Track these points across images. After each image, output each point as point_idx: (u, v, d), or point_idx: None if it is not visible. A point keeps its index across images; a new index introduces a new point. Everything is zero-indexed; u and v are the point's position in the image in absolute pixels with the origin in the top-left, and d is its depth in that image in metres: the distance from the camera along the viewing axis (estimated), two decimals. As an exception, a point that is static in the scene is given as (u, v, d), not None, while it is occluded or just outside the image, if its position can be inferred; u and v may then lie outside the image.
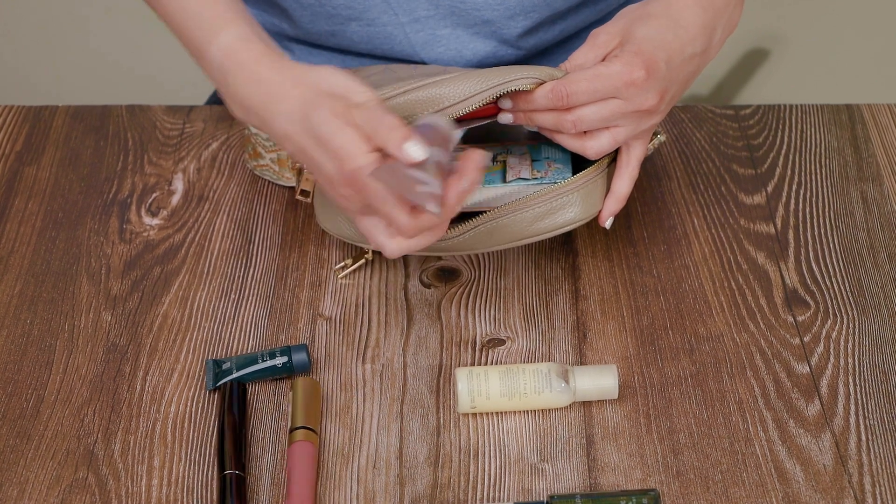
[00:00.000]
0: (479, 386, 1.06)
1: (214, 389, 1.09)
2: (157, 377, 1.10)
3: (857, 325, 1.14)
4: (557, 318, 1.15)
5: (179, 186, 1.28)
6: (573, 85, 1.07)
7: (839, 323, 1.14)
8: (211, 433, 1.06)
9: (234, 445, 1.03)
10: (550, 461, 1.04)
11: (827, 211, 1.25)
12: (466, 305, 1.16)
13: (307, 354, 1.10)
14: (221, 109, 1.35)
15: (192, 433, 1.06)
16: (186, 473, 1.03)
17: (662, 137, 1.16)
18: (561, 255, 1.21)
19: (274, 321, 1.15)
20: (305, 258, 1.20)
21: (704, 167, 1.29)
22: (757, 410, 1.07)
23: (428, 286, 1.18)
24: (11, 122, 1.35)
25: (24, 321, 1.15)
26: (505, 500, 1.01)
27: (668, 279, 1.18)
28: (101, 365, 1.11)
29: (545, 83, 1.08)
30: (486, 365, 1.11)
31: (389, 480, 1.03)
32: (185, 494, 1.02)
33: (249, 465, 1.04)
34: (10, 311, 1.16)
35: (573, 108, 1.08)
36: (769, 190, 1.27)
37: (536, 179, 1.15)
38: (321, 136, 1.02)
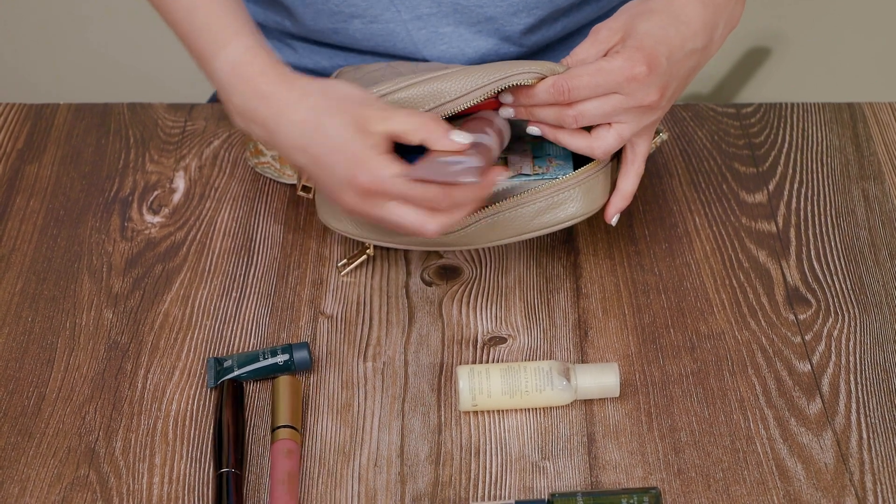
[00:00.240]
0: (480, 384, 1.06)
1: (216, 387, 1.09)
2: (158, 375, 1.10)
3: (858, 323, 1.14)
4: (559, 315, 1.15)
5: (181, 184, 1.28)
6: (575, 80, 1.07)
7: (840, 321, 1.14)
8: (211, 431, 1.06)
9: (230, 444, 1.03)
10: (552, 459, 1.04)
11: (828, 209, 1.25)
12: (468, 303, 1.16)
13: (308, 352, 1.10)
14: (223, 108, 1.34)
15: (193, 431, 1.06)
16: (187, 471, 1.03)
17: (665, 135, 1.16)
18: (562, 253, 1.21)
19: (275, 319, 1.15)
20: (307, 256, 1.20)
21: (706, 165, 1.29)
22: (758, 408, 1.07)
23: (429, 284, 1.18)
24: (13, 120, 1.35)
25: (25, 319, 1.15)
26: (506, 498, 1.01)
27: (669, 277, 1.18)
28: (102, 363, 1.11)
29: (547, 78, 1.08)
30: (487, 363, 1.11)
31: (391, 478, 1.03)
32: (185, 492, 1.02)
33: (248, 463, 1.04)
34: (11, 308, 1.16)
35: (574, 102, 1.08)
36: (770, 188, 1.27)
37: (538, 175, 1.15)
38: (337, 144, 1.03)
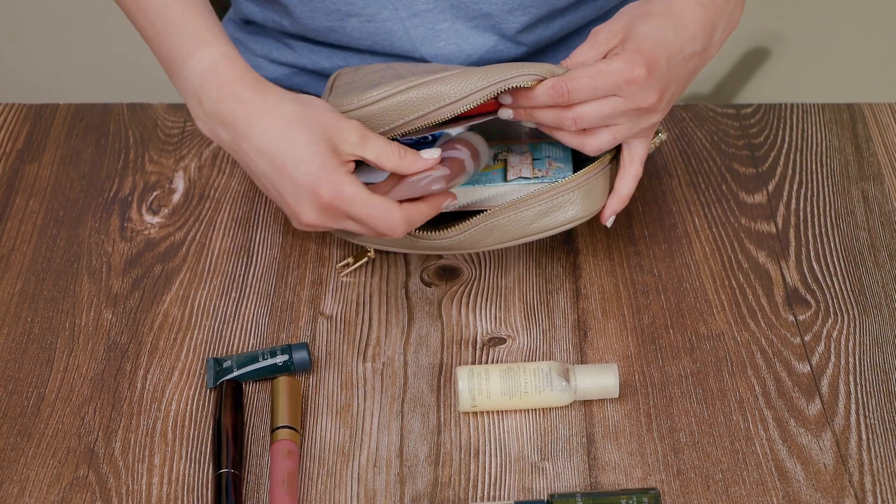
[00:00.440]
0: (479, 385, 1.06)
1: (215, 388, 1.09)
2: (157, 375, 1.10)
3: (857, 324, 1.14)
4: (558, 316, 1.15)
5: (180, 185, 1.28)
6: (574, 82, 1.07)
7: (840, 322, 1.14)
8: (211, 432, 1.06)
9: (229, 444, 1.03)
10: (551, 460, 1.04)
11: (828, 210, 1.25)
12: (467, 304, 1.16)
13: (308, 353, 1.10)
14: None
15: (192, 431, 1.06)
16: (187, 472, 1.03)
17: (664, 136, 1.16)
18: (562, 253, 1.21)
19: (275, 320, 1.15)
20: (306, 257, 1.20)
21: (705, 166, 1.29)
22: (757, 409, 1.07)
23: (429, 285, 1.18)
24: (12, 120, 1.35)
25: (24, 319, 1.15)
26: (505, 498, 1.01)
27: (668, 278, 1.18)
28: (101, 363, 1.11)
29: (546, 80, 1.08)
30: (486, 364, 1.11)
31: (390, 479, 1.03)
32: (185, 492, 1.02)
33: (247, 463, 1.04)
34: (10, 308, 1.16)
35: (573, 105, 1.08)
36: (770, 189, 1.27)
37: (537, 178, 1.14)
38: (304, 155, 1.04)
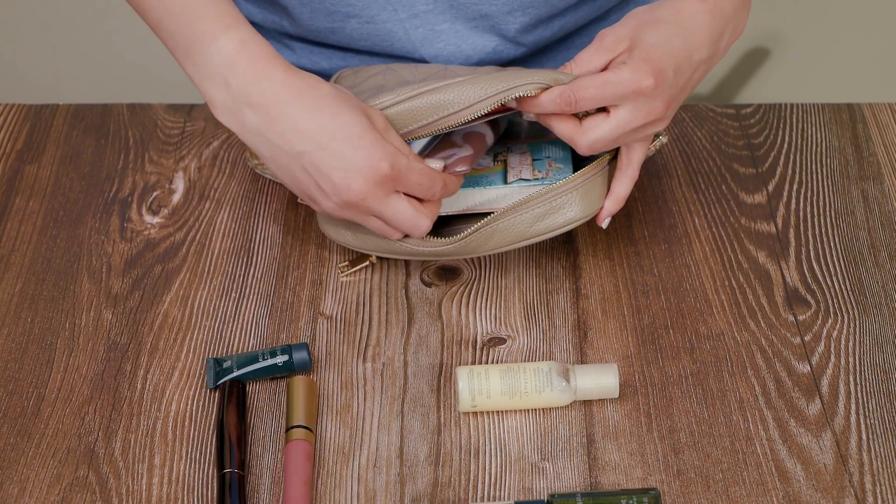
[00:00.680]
0: (479, 385, 1.06)
1: (215, 388, 1.09)
2: (157, 376, 1.10)
3: (857, 324, 1.14)
4: (558, 316, 1.15)
5: (180, 185, 1.28)
6: (581, 91, 1.07)
7: (840, 322, 1.14)
8: (211, 432, 1.06)
9: (233, 444, 1.03)
10: (551, 460, 1.04)
11: (828, 210, 1.25)
12: (467, 304, 1.16)
13: (308, 353, 1.10)
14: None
15: (192, 432, 1.06)
16: (187, 472, 1.03)
17: (664, 139, 1.16)
18: (562, 253, 1.21)
19: (274, 320, 1.15)
20: (306, 257, 1.20)
21: (705, 166, 1.29)
22: (757, 409, 1.07)
23: (429, 285, 1.18)
24: (12, 120, 1.35)
25: (24, 319, 1.15)
26: (505, 498, 1.01)
27: (668, 278, 1.18)
28: (101, 363, 1.11)
29: (553, 88, 1.08)
30: (486, 364, 1.11)
31: (390, 479, 1.03)
32: (185, 493, 1.02)
33: (249, 463, 1.04)
34: (10, 309, 1.16)
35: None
36: (770, 189, 1.27)
37: (537, 180, 1.14)
38: (355, 131, 1.04)
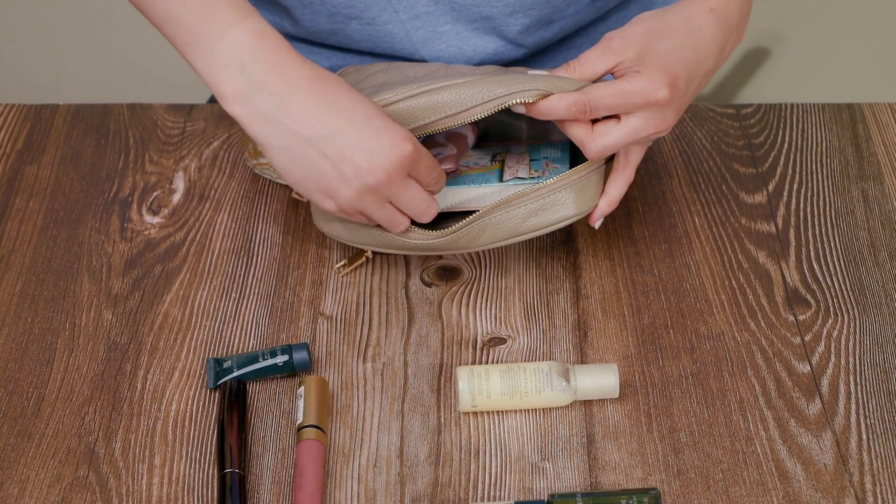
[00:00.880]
0: (479, 385, 1.06)
1: (215, 388, 1.09)
2: (157, 376, 1.10)
3: (857, 323, 1.14)
4: (558, 316, 1.15)
5: (180, 185, 1.28)
6: (597, 101, 1.07)
7: (840, 322, 1.14)
8: (212, 432, 1.06)
9: (234, 444, 1.03)
10: (551, 460, 1.04)
11: (828, 210, 1.25)
12: (467, 304, 1.16)
13: (308, 353, 1.10)
14: (223, 108, 1.34)
15: (192, 432, 1.06)
16: (187, 472, 1.03)
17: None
18: (562, 253, 1.21)
19: (275, 320, 1.15)
20: (306, 257, 1.20)
21: (705, 166, 1.29)
22: (758, 409, 1.07)
23: (429, 285, 1.18)
24: (12, 120, 1.35)
25: (24, 319, 1.15)
26: (505, 498, 1.01)
27: (668, 278, 1.18)
28: (101, 363, 1.11)
29: (567, 95, 1.07)
30: (486, 364, 1.11)
31: (390, 479, 1.03)
32: (185, 493, 1.02)
33: (250, 463, 1.04)
34: (11, 309, 1.16)
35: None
36: (770, 189, 1.27)
37: (533, 179, 1.14)
38: (378, 114, 1.05)
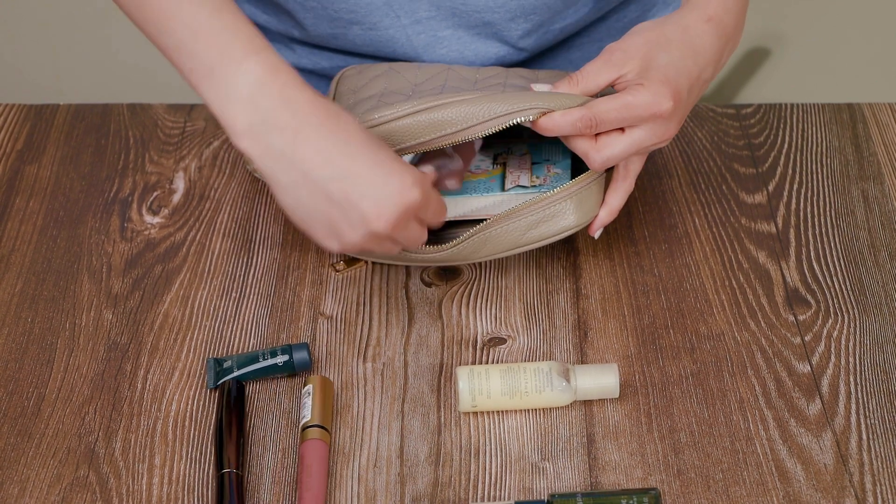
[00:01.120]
0: (479, 385, 1.06)
1: (215, 388, 1.09)
2: (157, 376, 1.10)
3: (858, 324, 1.14)
4: (558, 316, 1.15)
5: (180, 185, 1.28)
6: (602, 115, 1.07)
7: (840, 322, 1.14)
8: (211, 432, 1.06)
9: (232, 444, 1.03)
10: (551, 460, 1.04)
11: (828, 210, 1.25)
12: (467, 304, 1.16)
13: (308, 353, 1.10)
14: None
15: (192, 432, 1.06)
16: (187, 472, 1.03)
17: None
18: (562, 253, 1.21)
19: (275, 320, 1.15)
20: (306, 257, 1.20)
21: (706, 166, 1.29)
22: (758, 409, 1.07)
23: (429, 285, 1.18)
24: (12, 120, 1.35)
25: (25, 319, 1.15)
26: (506, 498, 1.01)
27: (669, 278, 1.18)
28: (102, 363, 1.11)
29: (573, 110, 1.07)
30: (486, 364, 1.11)
31: (390, 479, 1.03)
32: (185, 493, 1.02)
33: (249, 463, 1.04)
34: (11, 309, 1.16)
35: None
36: (770, 189, 1.27)
37: (535, 187, 1.14)
38: (388, 158, 1.01)
